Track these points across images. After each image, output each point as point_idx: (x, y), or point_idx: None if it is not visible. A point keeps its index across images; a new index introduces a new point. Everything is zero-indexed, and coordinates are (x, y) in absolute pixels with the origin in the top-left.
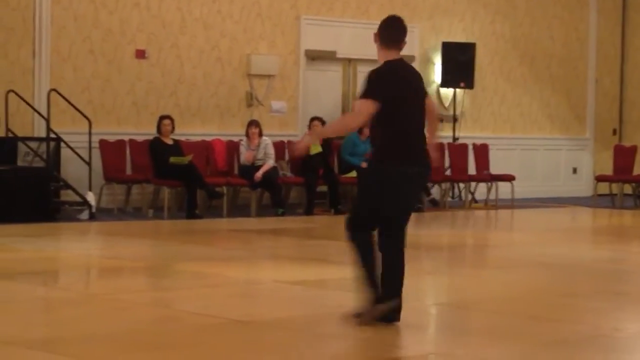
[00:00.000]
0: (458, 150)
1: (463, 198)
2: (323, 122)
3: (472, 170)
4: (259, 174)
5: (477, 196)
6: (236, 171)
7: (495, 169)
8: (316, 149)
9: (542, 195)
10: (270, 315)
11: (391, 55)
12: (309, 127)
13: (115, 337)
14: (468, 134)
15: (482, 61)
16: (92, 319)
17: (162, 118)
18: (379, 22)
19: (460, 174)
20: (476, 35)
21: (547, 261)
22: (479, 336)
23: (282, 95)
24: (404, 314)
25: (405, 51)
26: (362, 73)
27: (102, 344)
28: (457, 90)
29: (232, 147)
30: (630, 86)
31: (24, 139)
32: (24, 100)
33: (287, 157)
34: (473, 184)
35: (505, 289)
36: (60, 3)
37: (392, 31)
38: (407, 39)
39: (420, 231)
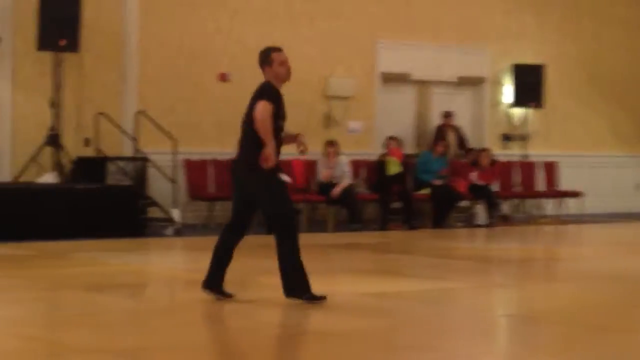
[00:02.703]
0: (528, 167)
1: (532, 214)
2: (398, 142)
3: (541, 186)
4: (336, 191)
5: (546, 212)
6: (314, 188)
7: (563, 185)
8: (396, 168)
9: (609, 210)
10: (349, 326)
11: None
12: (385, 145)
13: (199, 347)
14: (538, 152)
15: (552, 82)
16: (177, 330)
17: None
18: (452, 45)
19: (529, 191)
20: (545, 57)
21: (615, 274)
22: (549, 347)
23: (359, 116)
24: (474, 324)
25: (476, 72)
26: (436, 94)
27: (187, 353)
28: (527, 110)
29: (311, 166)
30: None
31: (113, 159)
32: (113, 122)
33: (363, 174)
34: (542, 200)
35: (574, 301)
36: (147, 30)
37: None
38: (479, 61)
39: (490, 245)
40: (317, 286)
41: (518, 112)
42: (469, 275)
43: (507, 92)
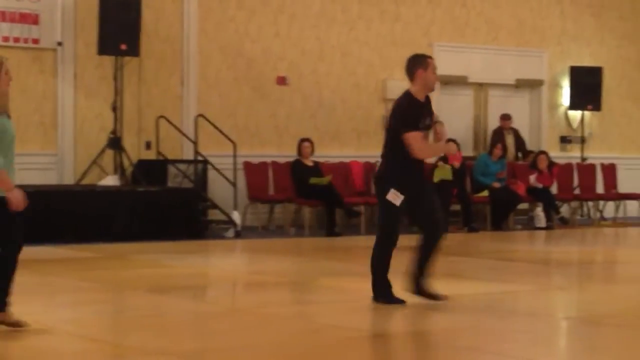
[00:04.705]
0: (586, 170)
1: (592, 216)
2: (457, 144)
3: (600, 189)
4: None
5: (605, 214)
6: (373, 191)
7: (622, 187)
8: (445, 175)
9: None
10: (408, 329)
11: None
12: None
13: (261, 349)
14: (596, 154)
15: (609, 84)
16: (238, 332)
17: (302, 141)
18: (509, 47)
19: (588, 193)
20: (603, 60)
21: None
22: (610, 350)
23: None
24: (534, 327)
25: (534, 75)
26: (494, 97)
27: (248, 355)
28: (585, 112)
29: (369, 168)
30: None
31: (174, 162)
32: (174, 125)
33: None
34: (601, 202)
35: (636, 303)
36: (207, 34)
37: None
38: (537, 63)
39: (550, 248)
40: None
41: (576, 114)
42: (529, 278)
43: (565, 94)
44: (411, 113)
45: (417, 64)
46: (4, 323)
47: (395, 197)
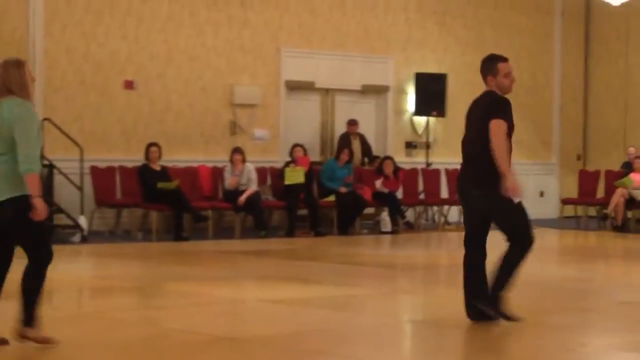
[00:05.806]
0: (431, 175)
1: (436, 220)
2: (304, 149)
3: (444, 194)
4: (242, 198)
5: (450, 218)
6: (220, 196)
7: None
8: (298, 179)
9: None
10: (256, 333)
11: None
12: (290, 153)
13: (107, 355)
14: (441, 160)
15: (454, 90)
16: (84, 338)
17: (149, 145)
18: (355, 54)
19: (433, 198)
20: (448, 66)
21: (520, 280)
22: (453, 352)
23: (264, 124)
24: (380, 330)
25: (380, 81)
26: (340, 102)
27: None
28: (430, 118)
29: (217, 173)
30: (593, 114)
31: None
32: None
33: (269, 182)
34: (446, 207)
35: None
36: (53, 36)
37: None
38: (382, 70)
39: (395, 252)
40: (224, 292)
41: (421, 120)
42: (375, 282)
43: (410, 100)
44: (501, 105)
45: (486, 70)
46: (35, 340)
47: (517, 192)
